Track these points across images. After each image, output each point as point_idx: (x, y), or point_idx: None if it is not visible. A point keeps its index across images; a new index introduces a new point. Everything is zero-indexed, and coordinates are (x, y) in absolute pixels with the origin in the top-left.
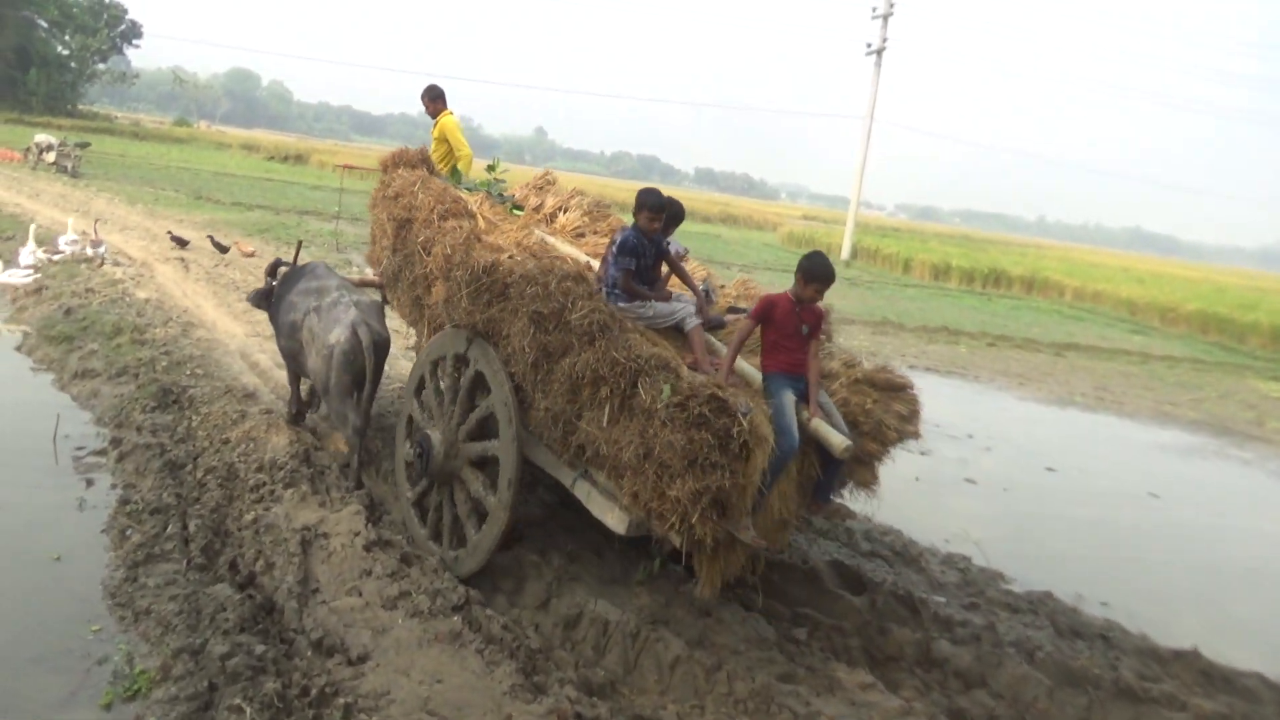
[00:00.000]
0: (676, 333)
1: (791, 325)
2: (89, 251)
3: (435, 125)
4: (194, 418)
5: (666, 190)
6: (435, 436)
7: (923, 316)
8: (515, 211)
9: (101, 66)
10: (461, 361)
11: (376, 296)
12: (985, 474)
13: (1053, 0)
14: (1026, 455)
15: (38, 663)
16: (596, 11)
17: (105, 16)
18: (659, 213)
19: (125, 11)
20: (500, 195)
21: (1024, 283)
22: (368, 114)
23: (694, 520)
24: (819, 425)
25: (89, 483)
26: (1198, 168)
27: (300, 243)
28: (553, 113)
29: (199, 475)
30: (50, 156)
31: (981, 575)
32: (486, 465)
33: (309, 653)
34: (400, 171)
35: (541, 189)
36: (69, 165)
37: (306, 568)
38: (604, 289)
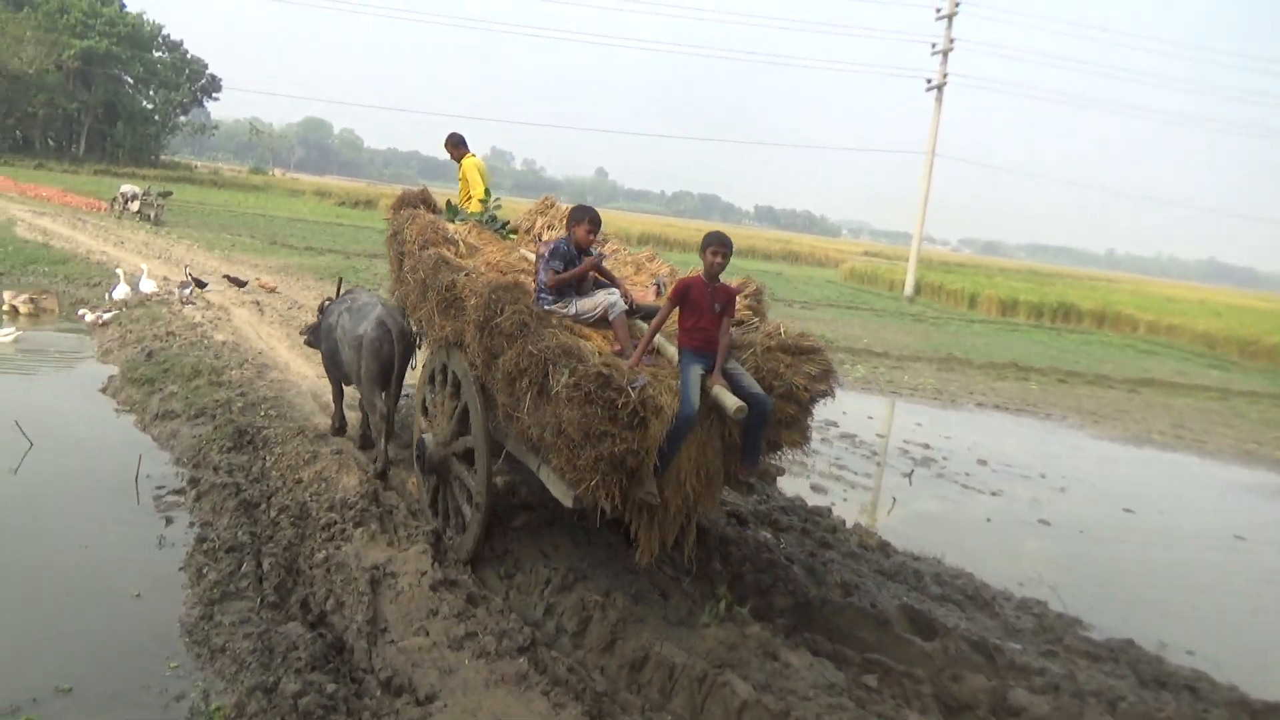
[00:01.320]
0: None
1: (705, 304)
2: (175, 292)
3: (459, 169)
4: (268, 458)
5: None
6: (429, 440)
7: (990, 353)
8: (510, 236)
9: (183, 119)
10: (448, 372)
11: None
12: (1060, 515)
13: (1121, 32)
14: (1103, 496)
15: (117, 698)
16: (656, 53)
17: (187, 72)
18: (596, 226)
19: (206, 67)
20: (493, 222)
21: (1095, 317)
22: (434, 159)
23: (596, 483)
24: (718, 391)
25: (168, 521)
26: (1276, 197)
27: (341, 279)
28: (614, 154)
29: (272, 514)
30: (134, 206)
31: (1058, 621)
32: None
33: (378, 692)
34: (403, 211)
35: (543, 213)
36: (152, 214)
37: (375, 607)
38: (536, 293)
